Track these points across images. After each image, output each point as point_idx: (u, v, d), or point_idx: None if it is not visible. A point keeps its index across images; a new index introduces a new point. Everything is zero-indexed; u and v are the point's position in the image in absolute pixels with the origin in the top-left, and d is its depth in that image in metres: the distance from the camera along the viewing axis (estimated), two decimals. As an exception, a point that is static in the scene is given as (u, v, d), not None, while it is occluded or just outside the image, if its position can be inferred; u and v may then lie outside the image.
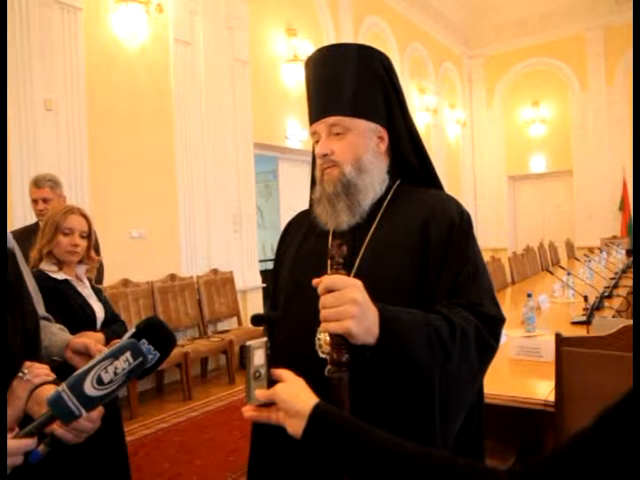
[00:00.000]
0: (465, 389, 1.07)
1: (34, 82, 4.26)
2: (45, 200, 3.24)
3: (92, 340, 1.65)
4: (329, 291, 0.93)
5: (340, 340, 0.93)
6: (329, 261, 1.00)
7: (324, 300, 0.93)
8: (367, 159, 1.20)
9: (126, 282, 4.90)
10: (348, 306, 0.92)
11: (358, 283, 0.95)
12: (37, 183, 3.28)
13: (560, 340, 2.02)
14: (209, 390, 5.12)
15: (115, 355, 0.89)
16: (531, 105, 11.51)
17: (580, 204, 10.97)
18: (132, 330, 0.94)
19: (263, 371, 0.91)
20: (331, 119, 1.19)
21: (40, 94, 4.31)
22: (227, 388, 5.16)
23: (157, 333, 0.95)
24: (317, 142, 1.23)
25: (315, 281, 0.95)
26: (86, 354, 1.53)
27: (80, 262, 2.18)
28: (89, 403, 0.88)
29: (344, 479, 0.90)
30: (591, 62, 10.82)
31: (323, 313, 0.93)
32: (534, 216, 11.86)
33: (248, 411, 0.90)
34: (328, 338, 1.04)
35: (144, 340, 0.92)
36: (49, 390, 0.96)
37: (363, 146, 1.20)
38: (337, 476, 0.91)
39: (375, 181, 1.21)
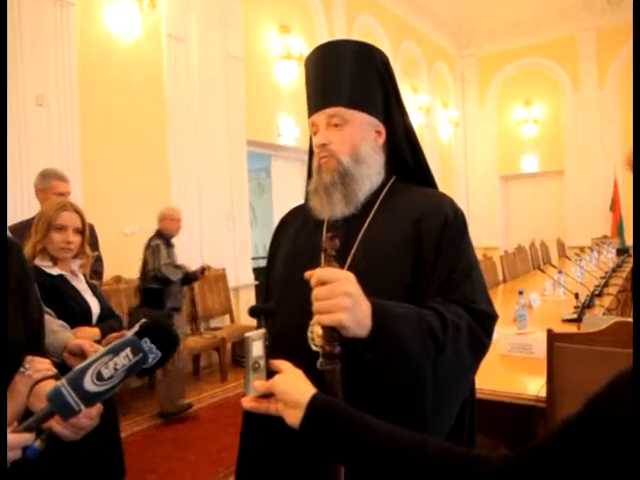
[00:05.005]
0: (457, 384, 1.07)
1: (26, 77, 4.24)
2: (69, 193, 3.27)
3: (87, 341, 1.65)
4: (322, 284, 0.94)
5: (332, 332, 0.94)
6: (322, 254, 1.00)
7: (317, 292, 0.94)
8: (364, 150, 1.21)
9: (119, 279, 4.89)
10: (340, 298, 0.92)
11: (351, 276, 0.96)
12: (62, 177, 3.27)
13: (552, 336, 2.05)
14: (201, 387, 5.13)
15: (115, 351, 0.89)
16: (523, 105, 11.56)
17: (571, 204, 11.03)
18: (135, 328, 0.94)
19: (262, 362, 0.91)
20: (330, 110, 1.20)
21: (32, 90, 4.28)
22: (219, 385, 5.16)
23: (160, 332, 0.94)
24: (315, 134, 1.23)
25: (308, 273, 0.96)
26: (81, 355, 1.54)
27: (75, 257, 2.18)
28: (89, 399, 0.88)
29: (335, 471, 0.91)
30: (583, 63, 10.88)
31: (316, 305, 0.94)
32: (526, 215, 11.92)
33: (247, 402, 0.91)
34: (320, 331, 1.05)
35: (146, 339, 0.92)
36: (50, 385, 0.96)
37: (361, 138, 1.21)
38: (328, 469, 0.92)
39: (372, 172, 1.22)
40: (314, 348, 1.09)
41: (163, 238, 4.38)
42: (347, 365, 0.96)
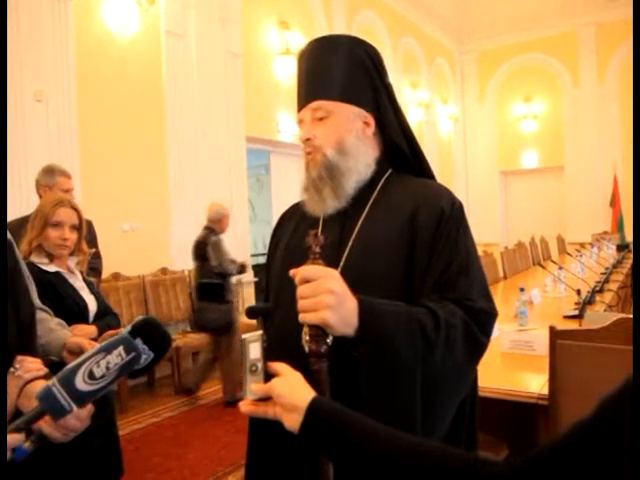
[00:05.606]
0: (450, 383, 1.05)
1: (24, 73, 4.22)
2: (73, 189, 3.25)
3: (86, 339, 1.64)
4: (306, 282, 0.92)
5: (318, 331, 0.93)
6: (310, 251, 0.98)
7: (301, 291, 0.93)
8: (350, 142, 1.18)
9: (117, 276, 4.87)
10: (324, 296, 0.91)
11: (335, 273, 0.95)
12: (67, 174, 3.23)
13: (554, 333, 2.03)
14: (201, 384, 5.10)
15: (108, 349, 0.87)
16: (523, 101, 11.54)
17: (571, 200, 11.02)
18: (127, 329, 0.92)
19: (259, 365, 0.89)
20: (314, 104, 1.19)
21: (30, 85, 4.26)
22: (219, 382, 5.13)
23: (152, 333, 0.92)
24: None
25: (292, 272, 0.94)
26: (80, 354, 1.53)
27: (71, 254, 2.16)
28: (80, 398, 0.86)
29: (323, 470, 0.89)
30: (583, 58, 10.86)
31: (300, 304, 0.93)
32: (525, 211, 11.90)
33: (245, 406, 0.89)
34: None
35: (139, 339, 0.90)
36: (40, 385, 0.94)
37: (346, 129, 1.18)
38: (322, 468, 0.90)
39: (359, 164, 1.19)
40: (306, 348, 1.08)
41: (216, 234, 4.55)
42: (337, 364, 0.95)
